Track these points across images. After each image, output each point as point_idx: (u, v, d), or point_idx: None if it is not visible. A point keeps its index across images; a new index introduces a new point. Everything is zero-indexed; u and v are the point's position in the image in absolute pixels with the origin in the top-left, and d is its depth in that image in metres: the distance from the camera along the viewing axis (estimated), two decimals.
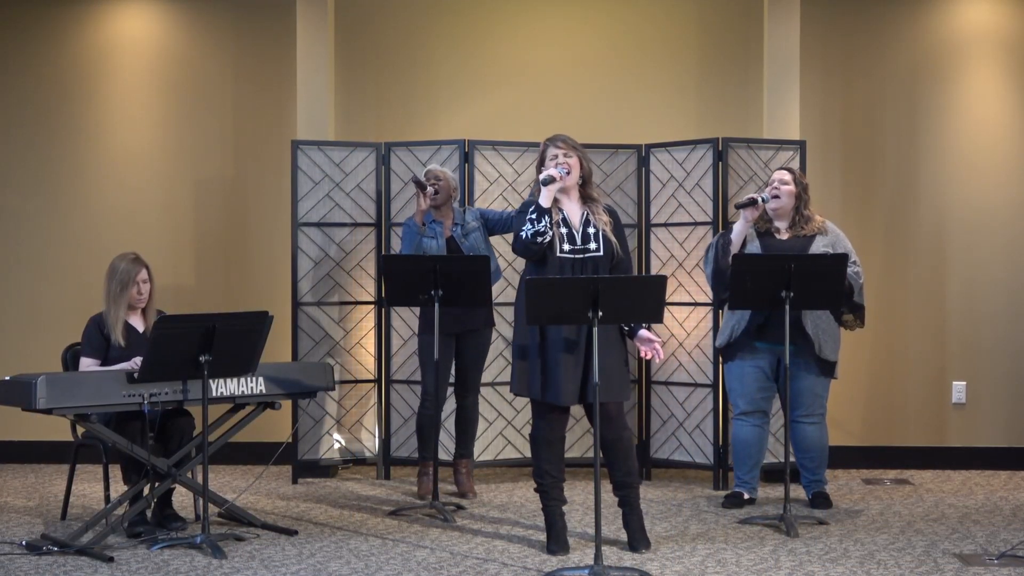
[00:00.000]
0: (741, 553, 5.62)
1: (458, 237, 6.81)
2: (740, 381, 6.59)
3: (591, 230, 5.64)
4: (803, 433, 6.58)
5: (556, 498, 5.67)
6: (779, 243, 6.49)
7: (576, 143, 5.73)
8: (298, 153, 7.43)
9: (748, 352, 6.52)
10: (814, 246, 6.43)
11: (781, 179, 6.52)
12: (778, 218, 6.55)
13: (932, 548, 5.70)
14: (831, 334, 6.52)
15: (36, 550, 5.62)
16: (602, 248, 5.62)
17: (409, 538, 5.94)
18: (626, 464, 5.66)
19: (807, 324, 6.41)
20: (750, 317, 6.46)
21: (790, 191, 6.50)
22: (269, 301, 7.49)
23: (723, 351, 6.66)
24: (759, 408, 6.60)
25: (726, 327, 6.61)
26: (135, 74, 8.16)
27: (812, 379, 6.52)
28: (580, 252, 5.61)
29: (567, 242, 5.61)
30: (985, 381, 7.86)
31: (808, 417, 6.57)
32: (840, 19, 7.90)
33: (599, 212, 5.68)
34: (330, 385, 6.41)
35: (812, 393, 6.54)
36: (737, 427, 6.66)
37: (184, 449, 6.04)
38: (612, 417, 5.61)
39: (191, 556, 5.57)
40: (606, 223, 5.66)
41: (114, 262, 6.14)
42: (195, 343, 5.58)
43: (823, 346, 6.47)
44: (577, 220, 5.66)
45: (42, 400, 5.48)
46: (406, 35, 8.11)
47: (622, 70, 8.08)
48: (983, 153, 7.88)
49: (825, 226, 6.55)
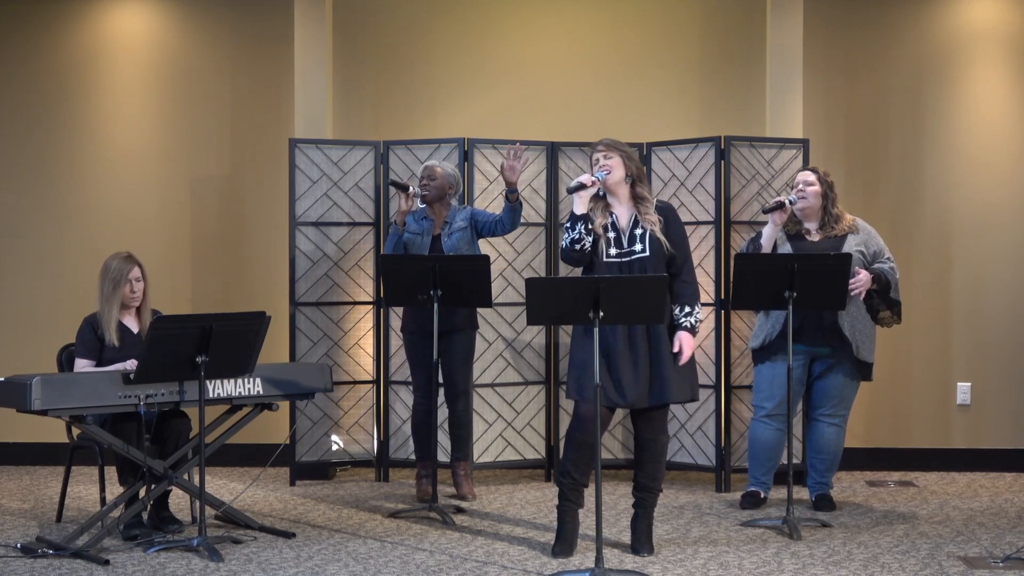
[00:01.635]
0: (744, 556, 5.60)
1: (443, 236, 6.79)
2: (770, 383, 6.54)
3: (638, 231, 5.60)
4: (821, 432, 6.58)
5: (572, 500, 5.64)
6: (810, 245, 6.47)
7: (620, 144, 5.68)
8: (296, 152, 7.41)
9: (783, 355, 6.43)
10: (846, 245, 6.41)
11: (805, 180, 6.50)
12: (806, 219, 6.52)
13: (936, 551, 5.69)
14: (868, 335, 6.50)
15: (31, 553, 5.61)
16: (648, 249, 5.56)
17: (408, 541, 5.93)
18: (654, 468, 5.67)
19: (844, 326, 6.39)
20: (785, 320, 6.37)
21: (816, 191, 6.48)
22: (266, 301, 7.48)
23: (757, 353, 6.63)
24: (783, 411, 6.55)
25: (761, 331, 6.58)
26: (131, 71, 8.13)
27: (845, 380, 6.52)
28: (626, 255, 5.57)
29: (614, 246, 5.58)
30: (990, 382, 7.84)
31: (830, 417, 6.57)
32: (843, 16, 7.89)
33: (648, 212, 5.62)
34: (328, 386, 6.39)
35: (840, 394, 6.54)
36: (759, 428, 6.62)
37: (181, 451, 6.02)
38: (655, 417, 5.62)
39: (188, 559, 5.55)
40: (655, 223, 5.60)
41: (107, 261, 6.14)
42: (192, 344, 5.56)
43: (861, 347, 6.46)
44: (625, 222, 5.63)
45: (37, 401, 5.47)
46: (405, 32, 8.09)
47: (623, 67, 8.06)
48: (988, 151, 7.86)
49: (856, 224, 6.53)
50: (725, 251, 7.16)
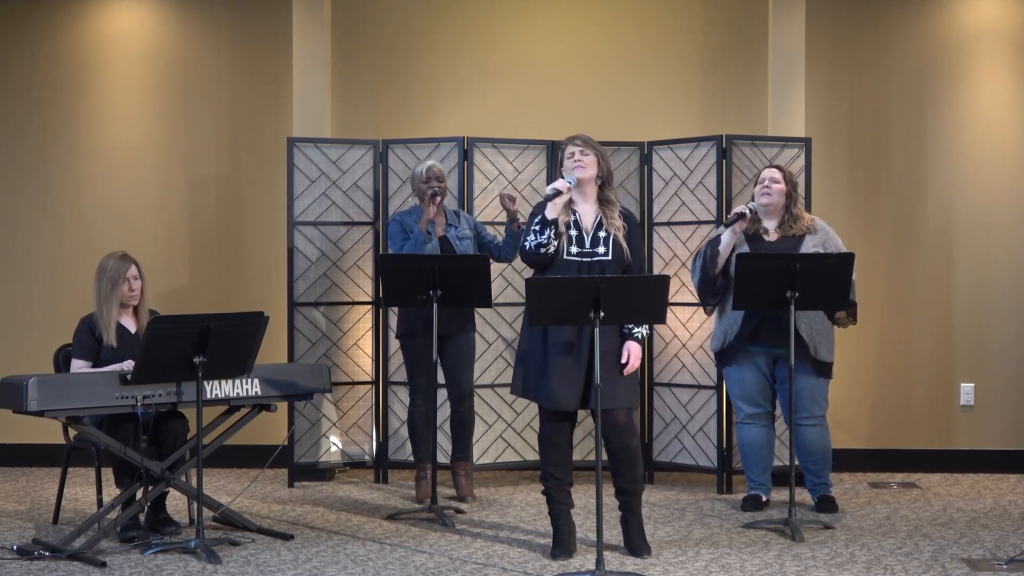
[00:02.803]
0: (745, 558, 5.59)
1: (452, 238, 6.78)
2: (740, 385, 6.59)
3: (602, 234, 5.58)
4: (804, 436, 6.56)
5: (562, 501, 5.62)
6: (768, 245, 6.48)
7: (595, 143, 5.65)
8: (294, 151, 7.40)
9: (744, 356, 6.51)
10: (804, 245, 6.42)
11: (771, 177, 6.51)
12: (767, 216, 6.53)
13: (940, 553, 5.67)
14: (825, 335, 6.50)
15: (27, 555, 5.61)
16: (611, 253, 5.55)
17: (407, 543, 5.92)
18: (631, 472, 5.61)
19: (800, 326, 6.38)
20: (743, 321, 6.44)
21: (780, 189, 6.49)
22: (264, 301, 7.46)
23: (719, 356, 6.65)
24: (764, 410, 6.60)
25: (719, 332, 6.60)
26: (128, 69, 8.12)
27: (809, 381, 6.49)
28: (588, 255, 5.55)
29: (575, 244, 5.55)
30: (994, 383, 7.82)
31: (808, 419, 6.54)
32: (846, 14, 7.88)
33: (613, 216, 5.60)
34: (327, 387, 6.39)
35: (810, 395, 6.51)
36: (744, 431, 6.64)
37: (178, 452, 6.02)
38: (620, 425, 5.54)
39: (185, 561, 5.54)
40: (619, 228, 5.58)
41: (102, 261, 6.14)
42: (189, 344, 5.55)
43: (818, 347, 6.46)
44: (589, 222, 5.60)
45: (33, 402, 5.48)
46: (404, 29, 8.08)
47: (624, 65, 8.04)
48: (992, 150, 7.84)
49: (814, 224, 6.54)
50: None
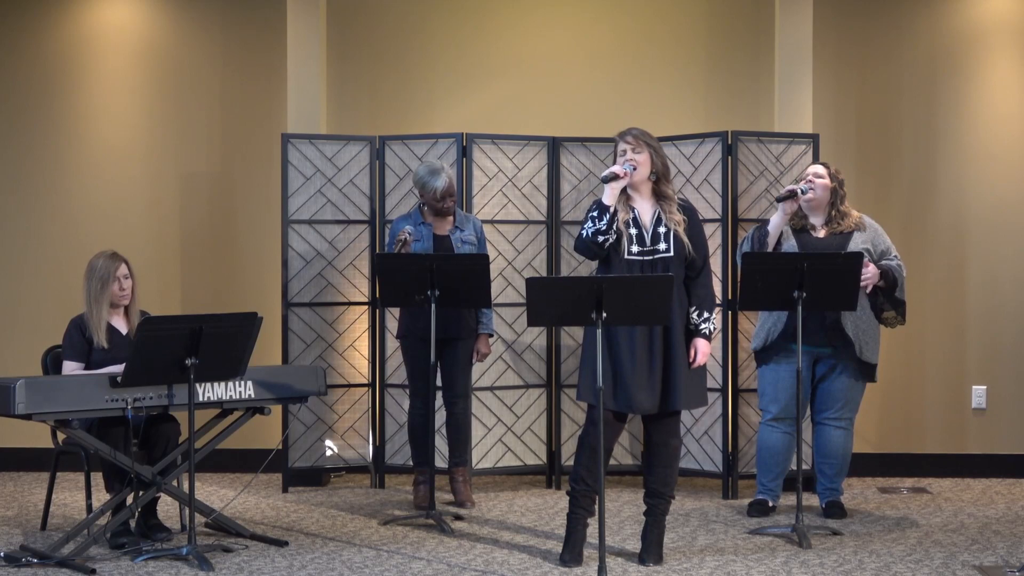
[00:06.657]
0: (751, 565, 5.58)
1: (455, 240, 6.78)
2: (774, 385, 6.53)
3: (662, 229, 5.52)
4: (828, 436, 6.55)
5: (583, 507, 5.58)
6: (816, 241, 6.47)
7: (649, 137, 5.58)
8: (288, 147, 7.38)
9: (785, 355, 6.45)
10: (852, 243, 6.42)
11: (816, 172, 6.51)
12: (812, 212, 6.51)
13: (951, 560, 5.66)
14: (872, 335, 6.48)
15: (15, 562, 5.60)
16: (672, 248, 5.50)
17: (404, 549, 5.90)
18: (664, 472, 5.60)
19: (847, 325, 6.37)
20: (787, 319, 6.38)
21: (824, 184, 6.49)
22: (258, 302, 7.41)
23: (758, 354, 6.61)
24: (790, 415, 6.51)
25: (761, 330, 6.57)
26: (118, 65, 8.09)
27: (849, 382, 6.49)
28: (649, 253, 5.50)
29: (635, 243, 5.50)
30: (1006, 385, 7.82)
31: (836, 420, 6.53)
32: (854, 7, 7.87)
33: (672, 211, 5.55)
34: (322, 389, 6.35)
35: (846, 396, 6.50)
36: (766, 433, 6.59)
37: (169, 456, 6.01)
38: (667, 422, 5.57)
39: (177, 568, 5.53)
40: (679, 222, 5.53)
41: (92, 261, 6.14)
42: (181, 346, 5.54)
43: (864, 348, 6.44)
44: (648, 219, 5.55)
45: (21, 405, 5.46)
46: (401, 23, 8.06)
47: (626, 59, 8.02)
48: (1003, 147, 7.83)
49: (863, 221, 6.54)
50: (733, 250, 7.12)
